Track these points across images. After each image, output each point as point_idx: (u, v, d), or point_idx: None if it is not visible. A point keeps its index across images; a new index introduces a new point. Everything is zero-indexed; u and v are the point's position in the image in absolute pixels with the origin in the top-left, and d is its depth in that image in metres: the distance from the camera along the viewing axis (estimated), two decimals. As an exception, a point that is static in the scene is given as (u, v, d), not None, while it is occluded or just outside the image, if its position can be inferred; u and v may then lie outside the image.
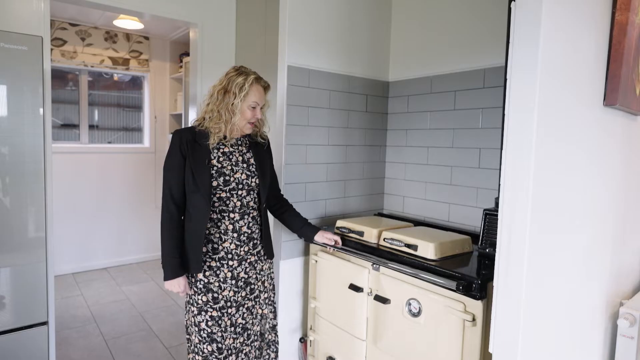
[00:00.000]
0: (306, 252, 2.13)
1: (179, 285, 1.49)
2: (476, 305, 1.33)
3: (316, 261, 1.95)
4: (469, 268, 1.51)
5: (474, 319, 1.33)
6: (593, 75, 1.36)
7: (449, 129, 2.17)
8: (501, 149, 1.75)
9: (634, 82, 1.58)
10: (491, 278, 1.35)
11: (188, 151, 1.46)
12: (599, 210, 1.50)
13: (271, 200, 1.71)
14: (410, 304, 1.51)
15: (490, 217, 1.69)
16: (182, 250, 1.50)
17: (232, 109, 1.45)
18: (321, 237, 1.74)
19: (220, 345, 1.50)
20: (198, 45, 2.45)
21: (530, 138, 1.07)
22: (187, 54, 3.78)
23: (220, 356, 1.50)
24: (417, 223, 2.10)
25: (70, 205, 3.58)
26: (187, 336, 1.61)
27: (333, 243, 1.76)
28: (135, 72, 3.82)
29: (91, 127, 3.79)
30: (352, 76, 2.25)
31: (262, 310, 1.62)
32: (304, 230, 1.75)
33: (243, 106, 1.46)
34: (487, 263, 1.57)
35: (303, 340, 2.12)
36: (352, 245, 1.76)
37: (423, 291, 1.47)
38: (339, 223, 1.92)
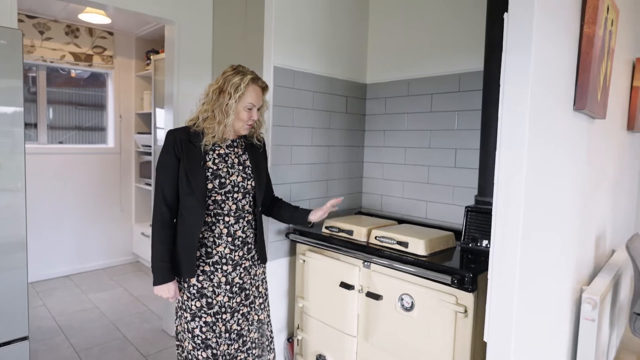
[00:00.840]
0: (292, 253, 2.14)
1: (168, 290, 1.44)
2: (468, 298, 1.41)
3: (304, 261, 1.97)
4: (456, 262, 1.59)
5: (465, 311, 1.41)
6: (566, 82, 1.48)
7: (425, 130, 2.26)
8: (480, 149, 1.86)
9: (596, 89, 1.74)
10: (480, 271, 1.44)
11: (182, 152, 1.42)
12: (573, 207, 1.64)
13: (265, 202, 1.69)
14: (402, 299, 1.57)
15: (472, 213, 1.78)
16: (174, 254, 1.47)
17: (227, 110, 1.41)
18: (316, 215, 1.69)
19: (215, 351, 1.47)
20: (175, 43, 2.38)
21: (522, 139, 1.15)
22: (155, 52, 3.65)
23: None
24: (398, 221, 2.17)
25: (28, 210, 3.34)
26: (178, 342, 1.57)
27: (331, 209, 1.70)
28: (99, 69, 3.63)
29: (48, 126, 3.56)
30: (334, 78, 2.29)
31: (259, 316, 1.60)
32: (297, 216, 1.70)
33: (238, 107, 1.42)
34: (470, 257, 1.66)
35: (290, 340, 2.12)
36: (342, 244, 1.79)
37: (415, 286, 1.53)
38: (328, 222, 1.95)
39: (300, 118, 2.13)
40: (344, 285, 1.76)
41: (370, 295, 1.66)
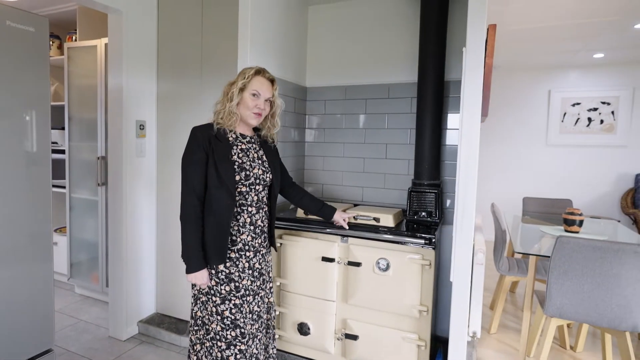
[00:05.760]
0: (262, 239, 2.35)
1: (202, 277, 1.56)
2: (431, 254, 1.91)
3: (281, 244, 2.21)
4: (410, 230, 2.07)
5: (430, 264, 1.90)
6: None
7: (361, 129, 2.73)
8: (416, 144, 2.39)
9: (488, 99, 2.44)
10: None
11: (210, 147, 1.55)
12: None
13: (287, 189, 1.91)
14: (379, 263, 1.99)
15: (414, 194, 2.31)
16: (202, 244, 1.57)
17: (231, 95, 1.58)
18: (339, 216, 1.98)
19: (243, 330, 1.63)
20: (123, 34, 2.30)
21: (476, 136, 1.67)
22: (56, 37, 3.27)
23: (243, 340, 1.63)
24: (353, 204, 2.58)
25: None
26: (197, 327, 1.67)
27: (347, 220, 2.02)
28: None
29: None
30: (286, 80, 2.56)
31: (269, 298, 1.81)
32: (324, 210, 1.97)
33: (244, 94, 1.59)
34: (415, 226, 2.17)
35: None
36: (323, 224, 2.11)
37: (389, 251, 1.97)
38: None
39: (266, 117, 2.35)
40: (325, 259, 2.08)
41: (351, 264, 2.03)
